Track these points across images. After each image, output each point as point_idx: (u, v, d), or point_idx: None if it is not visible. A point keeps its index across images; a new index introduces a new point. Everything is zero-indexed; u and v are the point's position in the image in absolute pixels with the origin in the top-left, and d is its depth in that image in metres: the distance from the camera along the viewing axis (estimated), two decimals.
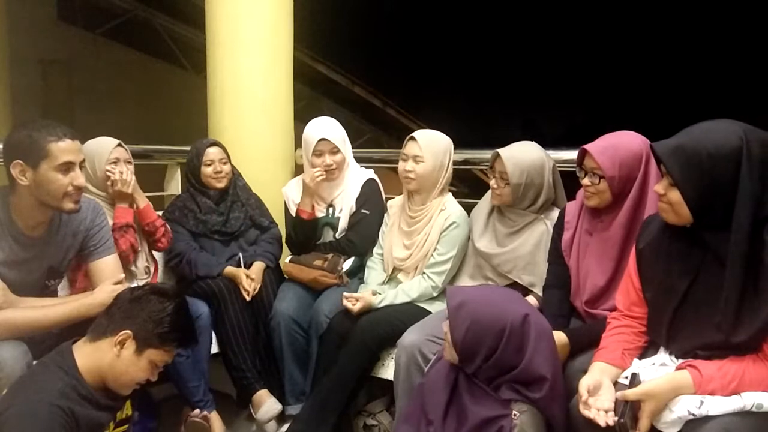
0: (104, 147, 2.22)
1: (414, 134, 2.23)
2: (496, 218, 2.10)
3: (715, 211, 1.28)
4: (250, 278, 2.36)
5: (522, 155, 1.98)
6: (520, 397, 1.45)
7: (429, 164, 2.18)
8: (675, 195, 1.31)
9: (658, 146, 1.33)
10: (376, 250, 2.42)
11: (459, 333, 1.47)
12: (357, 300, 2.12)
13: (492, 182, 2.03)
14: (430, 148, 2.18)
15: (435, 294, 2.19)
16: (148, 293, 1.51)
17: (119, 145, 2.25)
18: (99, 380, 1.46)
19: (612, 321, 1.57)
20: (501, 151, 2.00)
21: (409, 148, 2.21)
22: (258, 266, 2.43)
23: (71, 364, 1.42)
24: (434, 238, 2.18)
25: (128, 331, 1.44)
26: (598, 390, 1.38)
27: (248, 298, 2.33)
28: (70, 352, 1.45)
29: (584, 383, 1.38)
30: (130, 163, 2.26)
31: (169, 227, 2.34)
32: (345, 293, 2.17)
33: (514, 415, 1.43)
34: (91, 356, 1.44)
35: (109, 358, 1.44)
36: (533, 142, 2.06)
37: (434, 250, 2.18)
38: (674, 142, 1.32)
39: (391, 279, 2.34)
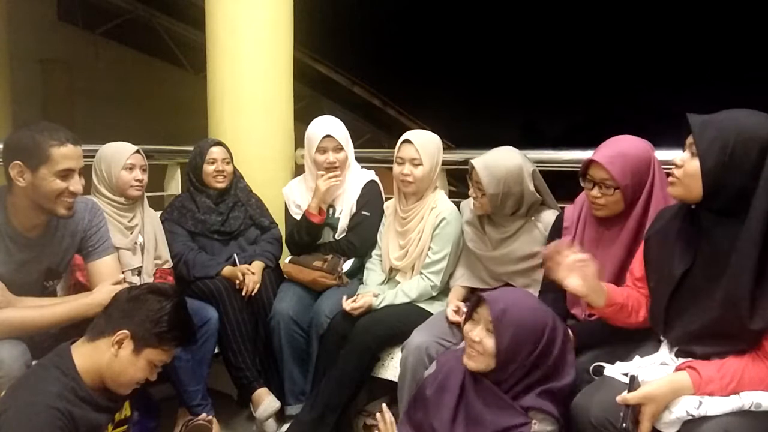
0: (121, 152, 2.24)
1: (408, 137, 2.21)
2: (487, 223, 2.08)
3: (726, 192, 1.28)
4: (250, 272, 2.36)
5: (496, 164, 1.92)
6: (543, 405, 1.45)
7: (427, 167, 2.18)
8: (692, 166, 1.31)
9: (692, 117, 1.33)
10: (375, 251, 2.42)
11: (504, 339, 1.46)
12: (359, 306, 2.12)
13: (470, 191, 2.00)
14: (426, 150, 2.18)
15: (434, 293, 2.19)
16: (145, 292, 1.50)
17: (137, 151, 2.26)
18: (98, 381, 1.45)
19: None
20: (474, 161, 1.93)
21: (406, 151, 2.19)
22: (257, 265, 2.43)
23: (70, 365, 1.42)
24: (428, 235, 2.18)
25: (126, 331, 1.43)
26: None
27: (245, 293, 2.32)
28: (69, 352, 1.44)
29: None
30: (145, 170, 2.28)
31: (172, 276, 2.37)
32: (346, 297, 2.16)
33: (534, 423, 1.43)
34: (89, 356, 1.44)
35: (107, 358, 1.43)
36: (510, 147, 2.00)
37: (429, 249, 2.18)
38: (709, 117, 1.32)
39: (390, 280, 2.34)
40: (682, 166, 1.34)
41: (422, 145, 2.18)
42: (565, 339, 1.51)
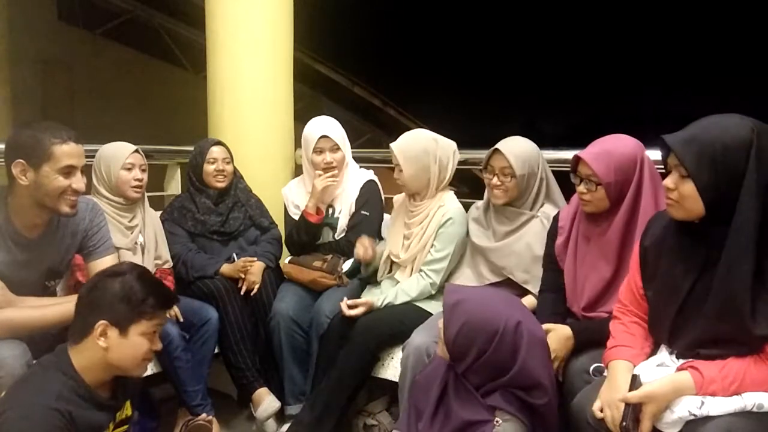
0: (121, 152, 2.24)
1: (392, 143, 2.23)
2: (493, 217, 2.10)
3: (726, 203, 1.26)
4: (249, 264, 2.37)
5: (519, 146, 2.00)
6: (508, 407, 1.42)
7: (409, 170, 2.18)
8: (687, 188, 1.29)
9: (669, 138, 1.32)
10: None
11: (452, 331, 1.46)
12: (358, 306, 2.12)
13: (494, 180, 2.01)
14: (404, 154, 2.19)
15: (433, 292, 2.19)
16: (103, 278, 1.47)
17: (136, 151, 2.26)
18: (98, 378, 1.45)
19: (620, 316, 1.56)
20: (500, 146, 1.99)
21: (393, 157, 2.22)
22: (258, 266, 2.43)
23: (68, 364, 1.41)
24: (431, 232, 2.18)
25: (103, 321, 1.41)
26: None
27: (245, 289, 2.34)
28: (67, 353, 1.44)
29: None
30: (144, 170, 2.28)
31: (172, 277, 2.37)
32: (346, 299, 2.14)
33: (497, 422, 1.42)
34: (84, 356, 1.43)
35: (100, 353, 1.42)
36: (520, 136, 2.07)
37: (431, 246, 2.18)
38: (686, 133, 1.31)
39: (389, 278, 2.34)
40: (675, 189, 1.32)
41: (399, 150, 2.19)
42: (534, 344, 1.44)
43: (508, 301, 1.55)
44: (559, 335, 1.65)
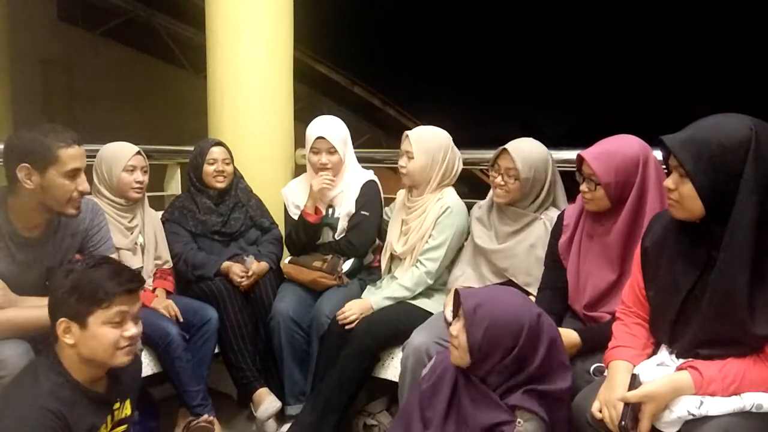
0: (123, 153, 2.24)
1: (408, 131, 2.25)
2: (496, 218, 2.10)
3: (725, 203, 1.26)
4: (236, 272, 2.36)
5: (529, 149, 1.99)
6: (530, 404, 1.43)
7: (420, 161, 2.20)
8: (687, 188, 1.29)
9: (668, 139, 1.32)
10: None
11: (477, 334, 1.45)
12: (353, 312, 2.13)
13: (498, 179, 2.01)
14: (420, 144, 2.20)
15: (430, 281, 2.19)
16: (59, 274, 1.44)
17: (138, 153, 2.26)
18: (88, 374, 1.45)
19: (623, 317, 1.56)
20: (508, 146, 1.99)
21: (404, 144, 2.24)
22: (261, 266, 2.44)
23: (57, 362, 1.42)
24: (429, 224, 2.19)
25: (63, 319, 1.39)
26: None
27: (244, 287, 2.35)
28: (55, 351, 1.44)
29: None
30: (146, 172, 2.28)
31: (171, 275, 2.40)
32: (339, 314, 2.15)
33: (518, 422, 1.42)
34: (64, 356, 1.43)
35: (73, 351, 1.41)
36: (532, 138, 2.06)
37: (429, 237, 2.19)
38: (684, 134, 1.31)
39: (389, 277, 2.34)
40: (675, 189, 1.32)
41: (416, 140, 2.21)
42: (553, 342, 1.47)
43: (521, 296, 1.57)
44: (565, 341, 1.65)
